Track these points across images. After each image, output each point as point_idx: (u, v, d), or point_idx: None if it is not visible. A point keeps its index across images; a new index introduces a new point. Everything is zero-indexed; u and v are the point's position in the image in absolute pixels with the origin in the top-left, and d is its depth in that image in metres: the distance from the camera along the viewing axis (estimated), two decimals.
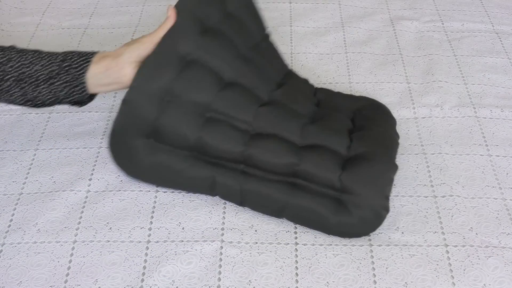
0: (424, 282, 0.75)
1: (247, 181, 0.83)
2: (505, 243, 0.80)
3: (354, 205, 0.80)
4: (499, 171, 0.91)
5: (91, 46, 1.17)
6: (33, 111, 1.01)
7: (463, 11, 1.27)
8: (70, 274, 0.77)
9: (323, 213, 0.80)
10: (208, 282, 0.76)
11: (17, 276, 0.77)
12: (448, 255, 0.79)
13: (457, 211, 0.84)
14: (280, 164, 0.83)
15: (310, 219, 0.81)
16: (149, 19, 1.26)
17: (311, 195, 0.81)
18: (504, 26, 1.23)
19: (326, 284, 0.75)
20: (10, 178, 0.90)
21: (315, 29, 1.22)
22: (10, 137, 0.97)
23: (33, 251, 0.80)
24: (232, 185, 0.83)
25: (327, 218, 0.80)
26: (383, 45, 1.18)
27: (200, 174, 0.84)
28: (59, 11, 1.29)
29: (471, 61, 1.13)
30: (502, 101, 1.03)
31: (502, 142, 0.96)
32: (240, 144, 0.84)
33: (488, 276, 0.76)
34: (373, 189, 0.81)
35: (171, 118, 0.83)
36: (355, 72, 1.10)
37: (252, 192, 0.83)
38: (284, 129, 0.86)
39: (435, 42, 1.18)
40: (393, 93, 1.05)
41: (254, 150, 0.84)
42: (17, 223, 0.83)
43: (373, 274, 0.76)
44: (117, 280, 0.76)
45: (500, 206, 0.85)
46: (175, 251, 0.79)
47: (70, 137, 0.97)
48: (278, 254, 0.79)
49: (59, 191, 0.88)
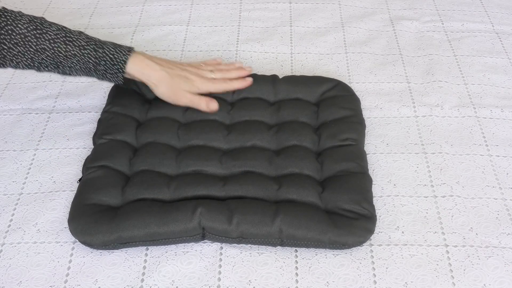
0: (424, 282, 0.75)
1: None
2: (505, 243, 0.80)
3: (342, 221, 0.79)
4: (499, 171, 0.91)
5: None
6: (33, 111, 1.02)
7: (463, 11, 1.27)
8: (70, 274, 0.77)
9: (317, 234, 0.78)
10: (208, 282, 0.76)
11: (17, 276, 0.77)
12: (448, 255, 0.79)
13: (457, 211, 0.84)
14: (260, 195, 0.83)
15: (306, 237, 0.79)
16: (149, 19, 1.26)
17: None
18: (504, 26, 1.23)
19: (326, 284, 0.75)
20: (10, 178, 0.90)
21: (315, 29, 1.22)
22: (10, 137, 0.97)
23: (33, 251, 0.80)
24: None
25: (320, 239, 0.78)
26: (383, 45, 1.18)
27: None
28: (59, 11, 1.29)
29: (471, 61, 1.13)
30: (502, 101, 1.03)
31: (502, 142, 0.96)
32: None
33: (488, 276, 0.76)
34: (354, 198, 0.81)
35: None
36: (355, 72, 1.10)
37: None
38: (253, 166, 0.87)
39: (435, 42, 1.18)
40: (393, 93, 1.05)
41: (234, 185, 0.84)
42: (17, 223, 0.83)
43: (373, 274, 0.76)
44: (117, 280, 0.76)
45: (500, 206, 0.85)
46: (175, 251, 0.79)
47: (70, 137, 0.97)
48: (278, 254, 0.79)
49: (59, 191, 0.88)
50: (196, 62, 1.02)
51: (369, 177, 0.86)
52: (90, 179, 0.85)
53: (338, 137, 0.91)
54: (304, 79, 1.02)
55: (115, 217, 0.79)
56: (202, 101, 0.95)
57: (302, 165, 0.87)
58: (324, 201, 0.82)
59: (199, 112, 0.96)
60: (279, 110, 0.97)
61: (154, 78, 0.93)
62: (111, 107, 0.97)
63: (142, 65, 0.92)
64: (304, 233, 0.78)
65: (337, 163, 0.87)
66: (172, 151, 0.90)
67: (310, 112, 0.97)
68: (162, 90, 0.94)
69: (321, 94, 1.00)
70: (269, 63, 1.13)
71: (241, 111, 0.97)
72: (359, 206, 0.81)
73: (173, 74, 0.94)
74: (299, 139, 0.91)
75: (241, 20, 1.25)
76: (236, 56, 1.15)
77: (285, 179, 0.85)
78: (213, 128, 0.93)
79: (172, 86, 0.94)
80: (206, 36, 1.21)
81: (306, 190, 0.83)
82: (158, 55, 1.14)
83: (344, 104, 0.97)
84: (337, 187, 0.83)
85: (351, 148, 0.90)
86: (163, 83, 0.93)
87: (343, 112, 0.96)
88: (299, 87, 1.00)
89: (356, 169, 0.86)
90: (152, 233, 0.78)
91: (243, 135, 0.92)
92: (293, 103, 0.98)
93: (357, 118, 0.95)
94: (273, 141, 0.92)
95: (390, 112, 1.01)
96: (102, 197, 0.82)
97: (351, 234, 0.78)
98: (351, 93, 1.00)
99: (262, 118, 0.96)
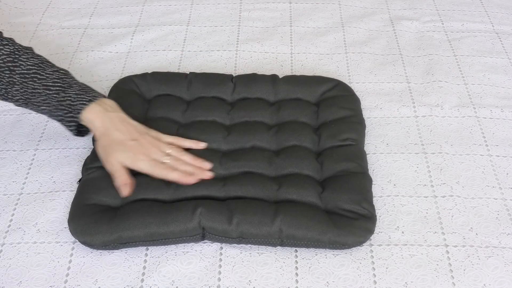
0: (424, 282, 0.75)
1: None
2: (505, 243, 0.80)
3: (342, 221, 0.79)
4: (499, 171, 0.91)
5: (91, 46, 1.17)
6: (33, 111, 1.01)
7: (463, 11, 1.27)
8: (70, 274, 0.77)
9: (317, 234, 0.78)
10: (208, 282, 0.76)
11: (17, 276, 0.77)
12: (448, 255, 0.79)
13: (457, 211, 0.84)
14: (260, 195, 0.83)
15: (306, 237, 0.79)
16: (149, 19, 1.26)
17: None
18: (504, 26, 1.23)
19: (326, 284, 0.75)
20: (10, 178, 0.90)
21: (315, 29, 1.22)
22: (10, 137, 0.97)
23: (33, 251, 0.80)
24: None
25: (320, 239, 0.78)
26: (383, 45, 1.18)
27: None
28: (59, 11, 1.29)
29: (471, 61, 1.13)
30: (502, 101, 1.03)
31: (502, 142, 0.96)
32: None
33: (488, 276, 0.76)
34: (354, 198, 0.81)
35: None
36: (355, 72, 1.10)
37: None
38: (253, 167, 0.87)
39: (435, 42, 1.18)
40: (393, 93, 1.05)
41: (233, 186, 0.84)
42: (17, 223, 0.83)
43: (373, 274, 0.76)
44: (117, 280, 0.76)
45: (500, 206, 0.85)
46: (175, 251, 0.79)
47: (70, 137, 0.97)
48: (278, 254, 0.79)
49: (59, 191, 0.88)
50: (169, 136, 0.91)
51: (369, 177, 0.86)
52: (90, 179, 0.85)
53: (338, 137, 0.91)
54: (304, 79, 1.02)
55: (115, 217, 0.79)
56: (121, 179, 0.83)
57: (302, 165, 0.87)
58: (324, 201, 0.82)
59: (199, 112, 0.96)
60: (279, 110, 0.97)
61: (98, 131, 0.86)
62: None
63: (94, 116, 0.86)
64: (304, 233, 0.78)
65: (337, 163, 0.87)
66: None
67: (310, 112, 0.97)
68: (98, 148, 0.87)
69: (321, 94, 1.00)
70: (269, 63, 1.13)
71: (240, 111, 0.97)
72: (359, 206, 0.81)
73: (116, 138, 0.85)
74: (299, 139, 0.91)
75: (241, 20, 1.25)
76: (236, 56, 1.15)
77: (285, 179, 0.85)
78: (213, 129, 0.93)
79: (106, 149, 0.85)
80: (206, 36, 1.21)
81: (306, 190, 0.83)
82: (158, 55, 1.15)
83: (344, 104, 0.97)
84: (337, 187, 0.83)
85: (351, 148, 0.90)
86: (101, 140, 0.86)
87: (343, 112, 0.96)
88: (299, 87, 1.00)
89: (356, 169, 0.86)
90: (152, 233, 0.78)
91: (243, 136, 0.92)
92: (293, 103, 0.98)
93: (357, 118, 0.95)
94: (273, 141, 0.92)
95: (390, 112, 1.01)
96: (102, 197, 0.82)
97: (351, 234, 0.78)
98: (351, 93, 1.01)
99: (262, 118, 0.96)
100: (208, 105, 0.97)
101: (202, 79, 1.02)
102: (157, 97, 0.99)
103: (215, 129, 0.93)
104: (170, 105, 0.97)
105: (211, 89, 1.00)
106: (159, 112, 0.96)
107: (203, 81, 1.01)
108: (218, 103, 0.98)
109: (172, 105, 0.97)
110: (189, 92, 1.01)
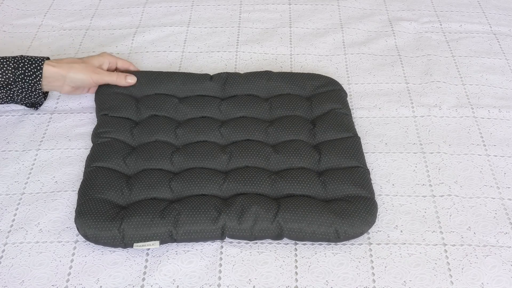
0: (423, 281, 0.76)
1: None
2: (503, 242, 0.81)
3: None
4: (497, 171, 0.91)
5: (93, 47, 1.18)
6: (35, 112, 1.02)
7: (461, 12, 1.28)
8: (72, 273, 0.78)
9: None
10: (208, 281, 0.76)
11: (19, 276, 0.77)
12: (446, 254, 0.79)
13: (455, 210, 0.85)
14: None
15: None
16: (149, 20, 1.26)
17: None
18: (502, 27, 1.23)
19: (325, 282, 0.76)
20: (12, 178, 0.91)
21: (314, 30, 1.23)
22: (12, 137, 0.98)
23: (35, 250, 0.80)
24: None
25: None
26: (382, 46, 1.18)
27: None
28: (60, 13, 1.29)
29: (469, 62, 1.13)
30: (500, 101, 1.04)
31: (500, 142, 0.96)
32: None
33: (486, 275, 0.77)
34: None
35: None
36: (354, 73, 1.11)
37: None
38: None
39: (433, 43, 1.19)
40: (391, 93, 1.06)
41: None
42: (19, 223, 0.84)
43: (372, 273, 0.77)
44: (119, 279, 0.77)
45: (497, 205, 0.86)
46: (175, 250, 0.80)
47: (71, 138, 0.97)
48: (278, 253, 0.80)
49: (61, 191, 0.88)
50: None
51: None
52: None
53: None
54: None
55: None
56: (118, 75, 1.01)
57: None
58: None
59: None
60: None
61: (63, 68, 0.96)
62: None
63: (59, 61, 0.97)
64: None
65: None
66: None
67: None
68: (78, 75, 0.97)
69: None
70: (269, 64, 1.13)
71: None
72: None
73: (79, 60, 0.99)
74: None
75: (241, 21, 1.26)
76: (236, 57, 1.15)
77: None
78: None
79: (85, 72, 0.98)
80: (206, 37, 1.21)
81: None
82: (159, 56, 1.16)
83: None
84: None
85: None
86: (74, 70, 0.97)
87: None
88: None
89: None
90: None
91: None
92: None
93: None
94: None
95: (388, 112, 1.02)
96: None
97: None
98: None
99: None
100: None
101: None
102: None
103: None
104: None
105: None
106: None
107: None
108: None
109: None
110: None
